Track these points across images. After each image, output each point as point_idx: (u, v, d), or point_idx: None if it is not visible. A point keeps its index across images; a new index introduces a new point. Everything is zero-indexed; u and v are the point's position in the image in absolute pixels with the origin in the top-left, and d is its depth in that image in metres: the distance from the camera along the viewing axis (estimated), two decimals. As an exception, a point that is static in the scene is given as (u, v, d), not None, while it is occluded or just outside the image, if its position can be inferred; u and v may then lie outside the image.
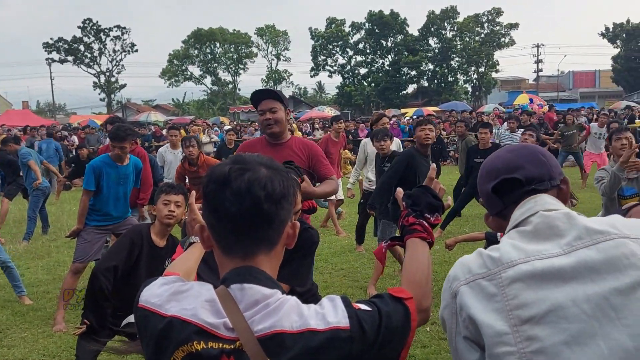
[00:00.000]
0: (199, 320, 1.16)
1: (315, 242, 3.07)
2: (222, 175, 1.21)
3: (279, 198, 1.22)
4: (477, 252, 1.28)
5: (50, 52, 56.20)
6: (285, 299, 1.19)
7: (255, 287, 1.18)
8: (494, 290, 1.17)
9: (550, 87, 55.51)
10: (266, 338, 1.13)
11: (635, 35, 53.71)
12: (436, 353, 4.27)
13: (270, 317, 1.14)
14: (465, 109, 29.78)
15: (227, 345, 1.14)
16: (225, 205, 1.19)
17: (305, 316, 1.16)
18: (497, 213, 1.42)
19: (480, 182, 1.47)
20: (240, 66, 61.49)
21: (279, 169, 1.26)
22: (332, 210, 8.85)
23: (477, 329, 1.17)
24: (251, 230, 1.21)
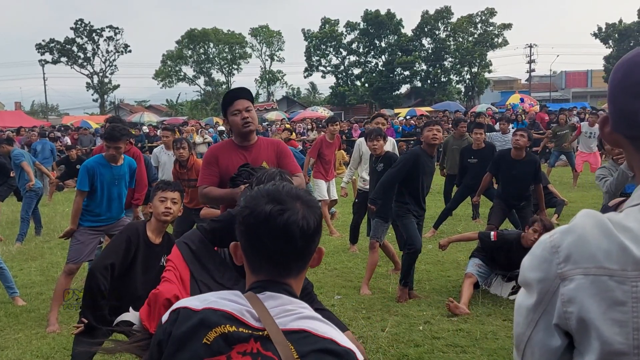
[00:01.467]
0: (228, 307, 1.27)
1: None
2: (263, 214, 1.30)
3: (313, 234, 1.33)
4: (604, 229, 0.96)
5: (43, 53, 55.93)
6: (310, 312, 1.29)
7: (283, 295, 1.29)
8: (623, 297, 0.92)
9: (543, 87, 55.71)
10: (292, 332, 1.23)
11: (628, 36, 53.96)
12: (429, 352, 4.29)
13: (296, 320, 1.25)
14: (459, 109, 29.84)
15: (256, 332, 1.23)
16: (263, 241, 1.30)
17: (329, 328, 1.27)
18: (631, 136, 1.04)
19: (620, 93, 1.02)
20: (234, 67, 61.37)
21: (312, 204, 1.35)
22: (325, 211, 8.86)
23: (585, 332, 0.95)
24: (285, 263, 1.32)
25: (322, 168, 8.75)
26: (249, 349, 1.22)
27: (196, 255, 2.92)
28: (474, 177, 7.87)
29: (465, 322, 4.88)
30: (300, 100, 59.05)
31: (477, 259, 5.67)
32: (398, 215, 5.58)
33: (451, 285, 5.97)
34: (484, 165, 7.49)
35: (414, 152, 5.63)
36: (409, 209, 5.50)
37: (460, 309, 5.06)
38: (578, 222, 0.99)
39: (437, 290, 5.85)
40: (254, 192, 1.37)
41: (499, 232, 5.68)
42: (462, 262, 6.57)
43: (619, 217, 0.97)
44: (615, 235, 0.94)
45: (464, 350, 4.31)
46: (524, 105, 23.90)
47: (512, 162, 6.64)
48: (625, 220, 0.95)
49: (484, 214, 8.61)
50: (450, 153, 9.98)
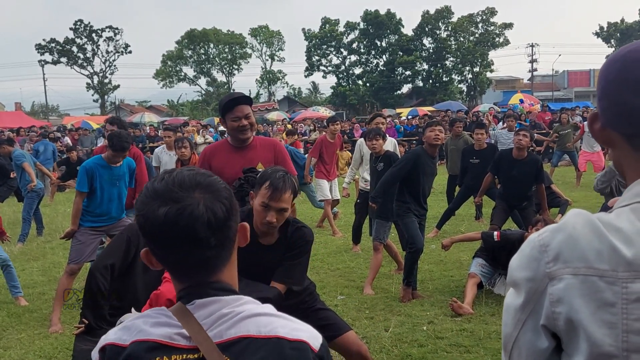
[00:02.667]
0: (154, 336, 1.11)
1: (309, 240, 3.07)
2: (158, 220, 1.11)
3: (225, 221, 1.14)
4: (594, 228, 0.94)
5: (42, 54, 55.98)
6: (251, 307, 1.14)
7: (215, 299, 1.13)
8: (613, 298, 0.90)
9: (545, 87, 55.71)
10: (229, 343, 1.09)
11: (630, 35, 53.97)
12: (433, 352, 4.27)
13: (234, 325, 1.10)
14: (461, 109, 29.84)
15: (190, 355, 1.09)
16: (172, 249, 1.13)
17: (274, 324, 1.12)
18: (627, 134, 1.00)
19: (616, 89, 0.99)
20: (234, 67, 61.41)
21: (214, 187, 1.15)
22: (328, 210, 8.85)
23: (574, 334, 0.93)
24: (204, 263, 1.15)
25: (324, 168, 8.74)
26: None
27: None
28: (475, 178, 7.85)
29: (468, 322, 4.86)
30: (301, 100, 59.07)
31: (480, 259, 5.65)
32: (399, 215, 5.57)
33: (454, 285, 5.95)
34: (485, 165, 7.47)
35: (415, 151, 5.62)
36: (409, 208, 5.48)
37: (463, 309, 5.04)
38: (568, 221, 0.97)
39: (440, 290, 5.83)
40: (143, 192, 1.17)
41: (502, 232, 5.67)
42: (465, 262, 6.54)
43: (609, 217, 0.95)
44: (606, 236, 0.92)
45: (468, 350, 4.29)
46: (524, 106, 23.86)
47: (513, 162, 6.62)
48: (615, 221, 0.93)
49: (486, 213, 8.59)
50: (449, 154, 9.98)
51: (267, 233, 2.98)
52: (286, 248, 3.01)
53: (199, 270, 1.15)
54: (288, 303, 3.11)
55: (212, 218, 1.11)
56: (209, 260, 1.14)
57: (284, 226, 3.01)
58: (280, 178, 2.86)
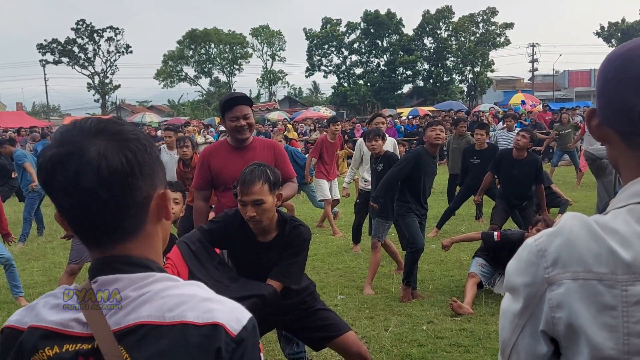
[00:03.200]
0: (47, 322, 0.98)
1: (306, 239, 3.08)
2: (45, 163, 0.97)
3: (123, 177, 0.95)
4: (591, 231, 0.93)
5: (44, 54, 56.08)
6: (160, 286, 0.98)
7: (120, 276, 0.98)
8: (613, 302, 0.89)
9: (546, 87, 55.68)
10: (126, 331, 0.94)
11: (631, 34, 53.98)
12: (432, 352, 4.27)
13: (135, 309, 0.95)
14: (461, 109, 29.83)
15: (84, 345, 0.95)
16: (59, 201, 0.97)
17: (183, 306, 0.95)
18: (624, 132, 0.98)
19: (615, 87, 0.97)
20: (235, 67, 61.44)
21: (124, 136, 0.98)
22: (329, 210, 8.86)
23: (574, 338, 0.92)
24: (99, 224, 0.98)
25: (324, 168, 8.75)
26: None
27: (195, 255, 2.97)
28: (476, 178, 7.85)
29: (468, 321, 4.86)
30: (302, 100, 59.11)
31: (480, 258, 5.65)
32: (400, 215, 5.57)
33: (454, 285, 5.95)
34: (486, 165, 7.47)
35: (416, 151, 5.63)
36: (410, 208, 5.49)
37: (463, 309, 5.04)
38: (564, 224, 0.96)
39: (440, 290, 5.83)
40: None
41: (502, 232, 5.67)
42: (465, 262, 6.55)
43: (606, 219, 0.94)
44: (604, 238, 0.91)
45: (468, 350, 4.29)
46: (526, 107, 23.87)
47: (513, 162, 6.62)
48: (612, 223, 0.92)
49: (487, 213, 8.59)
50: (451, 153, 9.99)
51: (263, 230, 2.99)
52: (284, 246, 3.02)
53: (96, 237, 0.99)
54: (288, 302, 3.12)
55: (104, 167, 0.94)
56: (106, 220, 0.97)
57: (282, 224, 3.02)
58: (249, 172, 2.89)
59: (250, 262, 3.09)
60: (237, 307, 0.99)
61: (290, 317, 3.20)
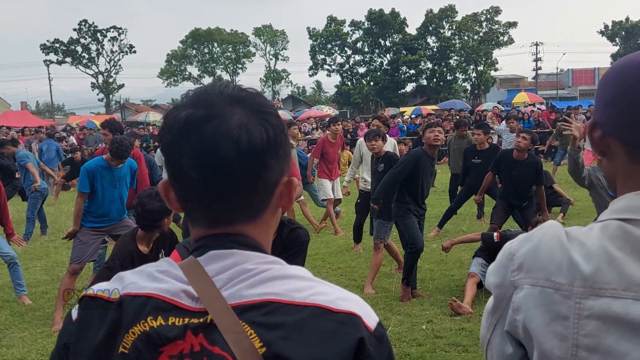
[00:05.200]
0: (150, 290, 0.86)
1: (305, 241, 3.11)
2: (177, 124, 0.87)
3: (261, 153, 0.87)
4: (559, 241, 0.94)
5: (47, 54, 56.29)
6: (281, 267, 0.89)
7: (235, 251, 0.88)
8: (566, 312, 0.90)
9: (550, 85, 55.57)
10: (249, 306, 0.83)
11: (634, 33, 53.79)
12: (431, 351, 4.29)
13: (258, 284, 0.85)
14: (464, 108, 29.81)
15: (194, 320, 0.83)
16: (184, 168, 0.87)
17: (312, 289, 0.86)
18: (632, 144, 0.96)
19: (632, 96, 0.94)
20: (238, 66, 61.54)
21: (263, 108, 0.90)
22: (331, 210, 8.88)
23: (530, 340, 0.94)
24: (223, 200, 0.88)
25: (326, 167, 8.77)
26: (186, 349, 0.82)
27: None
28: (477, 178, 7.86)
29: (467, 321, 4.88)
30: (305, 99, 59.18)
31: (480, 258, 5.66)
32: (398, 216, 5.59)
33: (454, 285, 5.96)
34: (487, 165, 7.48)
35: (416, 153, 5.65)
36: (409, 208, 5.51)
37: (463, 308, 5.06)
38: (538, 231, 0.98)
39: (440, 290, 5.85)
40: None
41: (501, 233, 5.68)
42: (465, 262, 6.56)
43: (580, 231, 0.95)
44: (567, 249, 0.92)
45: (466, 350, 4.31)
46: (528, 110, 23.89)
47: (513, 163, 6.64)
48: (583, 235, 0.93)
49: (488, 212, 8.60)
50: (452, 153, 9.99)
51: None
52: (282, 249, 3.05)
53: (216, 212, 0.89)
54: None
55: (245, 139, 0.85)
56: (233, 197, 0.88)
57: (280, 227, 3.04)
58: None
59: None
60: (363, 301, 0.91)
61: None
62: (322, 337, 0.81)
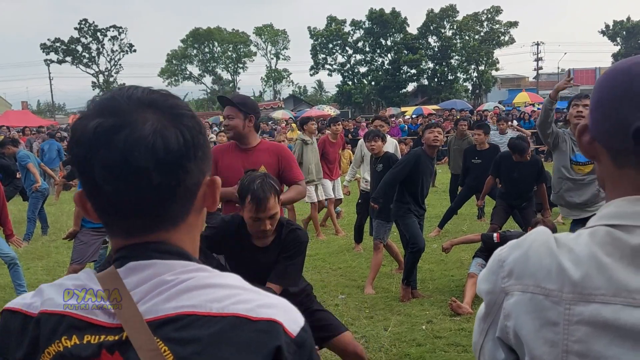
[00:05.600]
0: (65, 307, 0.83)
1: (303, 242, 3.11)
2: (87, 136, 0.82)
3: (179, 158, 0.83)
4: (548, 247, 0.94)
5: (48, 53, 56.35)
6: (203, 275, 0.85)
7: (154, 262, 0.85)
8: (556, 318, 0.91)
9: (551, 85, 55.35)
10: (164, 321, 0.80)
11: (636, 33, 53.75)
12: (431, 352, 4.30)
13: (175, 296, 0.82)
14: (465, 108, 29.81)
15: (110, 337, 0.81)
16: (97, 182, 0.82)
17: (233, 298, 0.83)
18: (614, 150, 0.96)
19: (614, 102, 0.94)
20: (239, 65, 61.59)
21: (177, 110, 0.86)
22: (332, 209, 8.89)
23: (521, 346, 0.95)
24: (141, 209, 0.84)
25: (327, 167, 8.77)
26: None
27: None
28: (477, 178, 7.88)
29: (467, 321, 4.89)
30: (306, 99, 59.15)
31: (480, 259, 5.67)
32: (399, 216, 5.60)
33: (454, 285, 5.97)
34: (487, 165, 7.49)
35: (416, 153, 5.66)
36: (409, 208, 5.53)
37: (462, 309, 5.07)
38: (528, 237, 0.99)
39: (440, 290, 5.86)
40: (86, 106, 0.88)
41: (501, 234, 5.69)
42: (465, 262, 6.57)
43: (569, 238, 0.96)
44: (557, 255, 0.93)
45: (466, 350, 4.32)
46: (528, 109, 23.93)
47: (514, 165, 6.65)
48: (572, 242, 0.94)
49: (488, 213, 8.60)
50: (452, 153, 9.99)
51: (263, 236, 3.04)
52: (281, 250, 3.06)
53: (136, 221, 0.86)
54: (285, 305, 3.15)
55: (160, 146, 0.81)
56: (151, 206, 0.84)
57: (278, 228, 3.05)
58: (259, 188, 2.88)
59: (248, 266, 3.12)
60: (290, 305, 0.88)
61: None
62: (238, 349, 0.79)
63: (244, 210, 2.95)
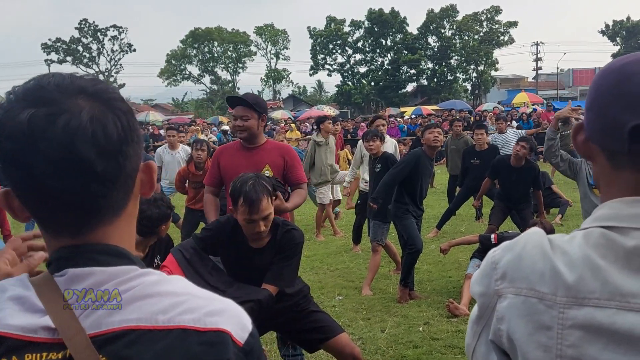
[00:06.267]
0: (5, 328, 0.76)
1: (299, 242, 3.11)
2: (19, 129, 0.75)
3: (119, 145, 0.79)
4: (542, 250, 0.92)
5: (48, 53, 56.44)
6: (148, 280, 0.81)
7: (97, 269, 0.80)
8: (550, 322, 0.89)
9: (550, 85, 55.53)
10: (109, 337, 0.76)
11: (635, 33, 53.74)
12: (427, 353, 4.30)
13: (119, 309, 0.78)
14: (464, 108, 29.82)
15: (53, 354, 0.76)
16: (37, 177, 0.76)
17: (179, 307, 0.79)
18: (609, 150, 0.94)
19: (607, 102, 0.93)
20: (239, 65, 61.58)
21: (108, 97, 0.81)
22: (329, 210, 8.88)
23: (514, 350, 0.93)
24: (82, 203, 0.79)
25: (325, 168, 8.75)
26: None
27: (190, 262, 3.03)
28: (476, 179, 7.88)
29: (464, 323, 4.89)
30: (306, 99, 59.16)
31: (477, 260, 5.67)
32: (397, 216, 5.60)
33: (452, 286, 5.98)
34: (486, 166, 7.49)
35: (416, 153, 5.67)
36: (408, 209, 5.53)
37: (460, 310, 5.07)
38: (521, 239, 0.97)
39: (437, 291, 5.86)
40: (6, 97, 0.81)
41: (499, 235, 5.68)
42: (463, 263, 6.58)
43: (563, 240, 0.94)
44: (550, 258, 0.91)
45: (462, 352, 4.31)
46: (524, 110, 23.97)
47: (511, 170, 6.67)
48: (566, 244, 0.92)
49: (487, 214, 8.61)
50: (449, 154, 9.99)
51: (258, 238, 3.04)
52: (276, 250, 3.06)
53: (72, 218, 0.80)
54: (282, 305, 3.15)
55: (101, 133, 0.77)
56: (94, 197, 0.79)
57: (274, 229, 3.05)
58: (252, 189, 2.87)
59: (243, 267, 3.12)
60: (238, 310, 0.85)
61: (284, 319, 3.23)
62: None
63: (237, 213, 2.94)
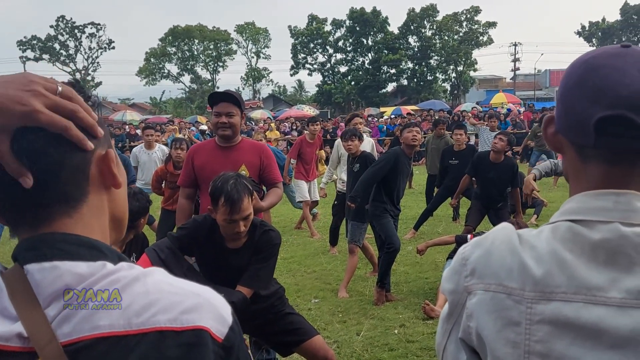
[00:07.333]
0: None
1: (276, 244, 3.07)
2: None
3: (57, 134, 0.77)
4: (510, 245, 0.91)
5: (24, 51, 55.49)
6: (118, 276, 0.77)
7: (65, 264, 0.75)
8: (518, 318, 0.88)
9: (527, 86, 56.12)
10: (80, 346, 0.72)
11: (611, 34, 54.64)
12: (403, 356, 4.28)
13: (94, 313, 0.74)
14: (443, 108, 30.02)
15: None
16: None
17: (153, 307, 0.75)
18: (577, 143, 0.94)
19: (574, 95, 0.92)
20: (219, 64, 61.22)
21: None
22: (307, 212, 8.84)
23: (483, 347, 0.92)
24: (23, 197, 0.77)
25: (303, 169, 8.71)
26: None
27: (164, 262, 2.96)
28: (454, 179, 7.90)
29: (440, 325, 4.88)
30: (286, 99, 59.05)
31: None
32: (375, 216, 5.58)
33: (429, 287, 5.97)
34: (464, 166, 7.51)
35: (395, 152, 5.65)
36: (385, 208, 5.51)
37: (435, 312, 5.06)
38: (489, 235, 0.96)
39: (414, 293, 5.85)
40: None
41: (475, 235, 5.70)
42: (440, 264, 6.58)
43: (531, 234, 0.93)
44: (519, 253, 0.90)
45: (438, 354, 4.31)
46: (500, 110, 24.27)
47: (490, 165, 6.69)
48: (534, 238, 0.91)
49: (464, 214, 8.64)
50: (429, 153, 10.02)
51: (237, 238, 2.99)
52: (253, 251, 3.01)
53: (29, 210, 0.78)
54: (258, 307, 3.11)
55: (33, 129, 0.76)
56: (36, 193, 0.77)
57: (252, 229, 3.00)
58: (233, 189, 2.82)
59: (220, 267, 3.07)
60: (216, 301, 0.80)
61: (259, 322, 3.19)
62: None
63: (216, 213, 2.89)
